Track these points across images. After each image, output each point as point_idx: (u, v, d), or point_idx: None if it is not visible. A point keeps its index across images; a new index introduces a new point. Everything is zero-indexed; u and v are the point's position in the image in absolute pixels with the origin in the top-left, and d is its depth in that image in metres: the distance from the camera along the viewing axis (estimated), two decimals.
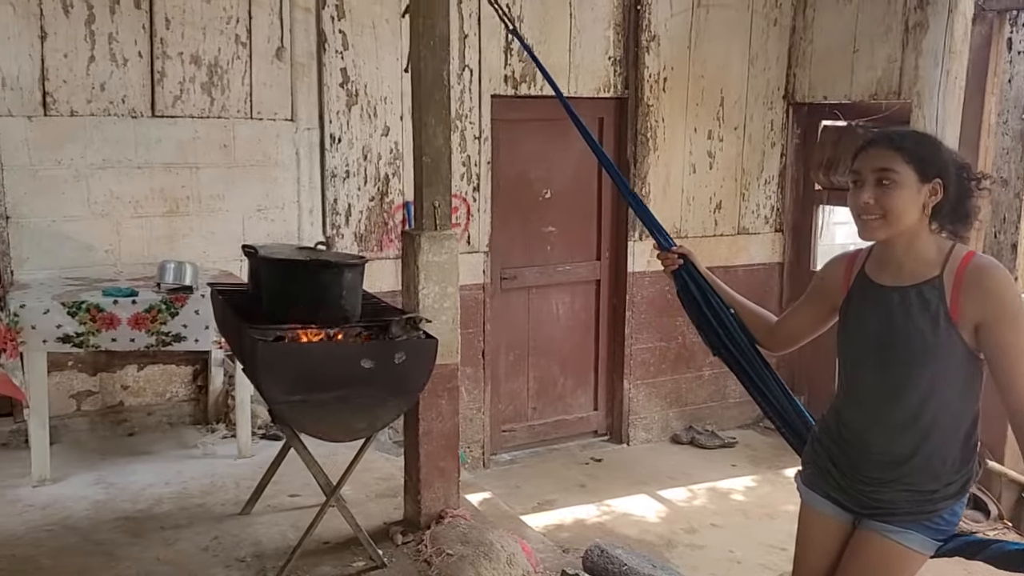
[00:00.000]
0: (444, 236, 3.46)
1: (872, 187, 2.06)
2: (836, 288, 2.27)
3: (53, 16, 4.28)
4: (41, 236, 4.36)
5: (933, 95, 5.21)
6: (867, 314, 2.15)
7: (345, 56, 4.92)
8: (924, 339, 2.04)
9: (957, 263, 2.05)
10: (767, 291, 6.38)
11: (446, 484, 3.63)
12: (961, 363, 2.05)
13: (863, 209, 2.08)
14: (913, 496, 2.11)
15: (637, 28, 5.71)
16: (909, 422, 2.08)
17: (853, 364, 2.20)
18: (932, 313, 2.04)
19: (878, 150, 2.08)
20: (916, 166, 2.05)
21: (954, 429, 2.09)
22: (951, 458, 2.09)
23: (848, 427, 2.20)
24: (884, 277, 2.14)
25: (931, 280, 2.06)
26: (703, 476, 5.71)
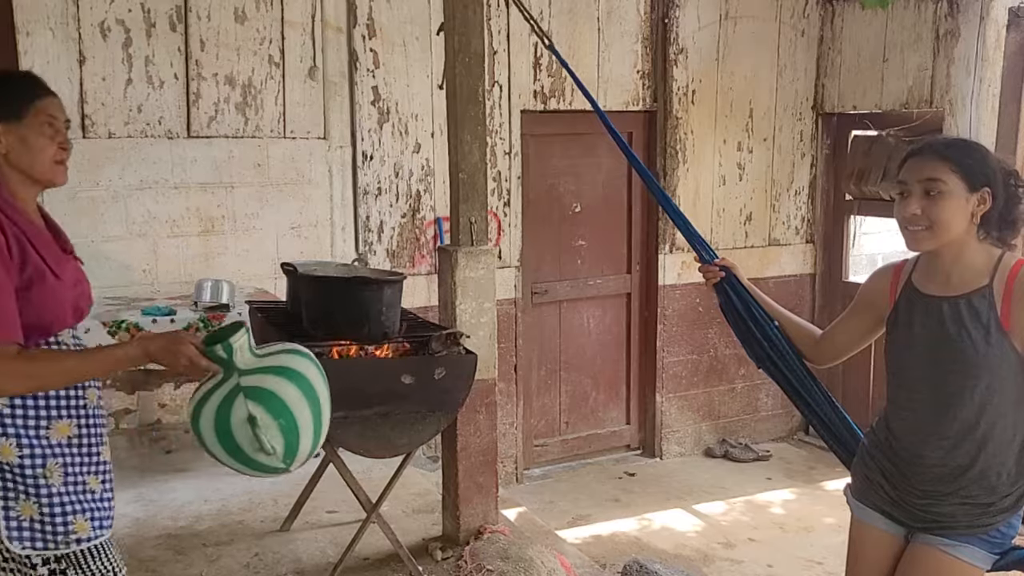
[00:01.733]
0: (480, 251, 3.47)
1: (919, 197, 2.04)
2: (882, 300, 2.25)
3: (91, 40, 4.35)
4: (80, 256, 4.39)
5: (966, 103, 5.18)
6: (916, 325, 2.13)
7: (376, 74, 4.97)
8: (976, 349, 2.01)
9: (1007, 272, 2.03)
10: (799, 303, 6.33)
11: (484, 499, 3.62)
12: (1015, 372, 2.02)
13: (910, 220, 2.05)
14: (969, 509, 2.08)
15: (665, 41, 5.72)
16: (964, 434, 2.06)
17: (903, 376, 2.17)
18: (983, 323, 2.01)
19: (924, 160, 2.06)
20: (964, 175, 2.03)
21: (1010, 440, 2.06)
22: (1007, 470, 2.06)
23: (900, 440, 2.17)
24: (932, 287, 2.12)
25: (981, 289, 2.04)
26: (738, 490, 5.67)
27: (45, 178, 2.00)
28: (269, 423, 1.95)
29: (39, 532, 1.94)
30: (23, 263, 1.90)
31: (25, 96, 1.99)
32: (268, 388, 1.98)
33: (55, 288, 1.95)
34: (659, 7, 5.69)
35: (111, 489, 2.08)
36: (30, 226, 1.96)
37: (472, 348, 3.32)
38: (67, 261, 2.05)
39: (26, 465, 1.94)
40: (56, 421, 1.97)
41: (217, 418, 1.96)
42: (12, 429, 1.93)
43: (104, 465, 2.05)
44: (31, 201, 2.03)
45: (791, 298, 6.25)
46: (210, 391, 1.99)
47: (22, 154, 1.97)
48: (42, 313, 1.93)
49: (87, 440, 2.02)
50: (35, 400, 1.96)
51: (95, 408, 2.05)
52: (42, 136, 1.97)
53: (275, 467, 2.03)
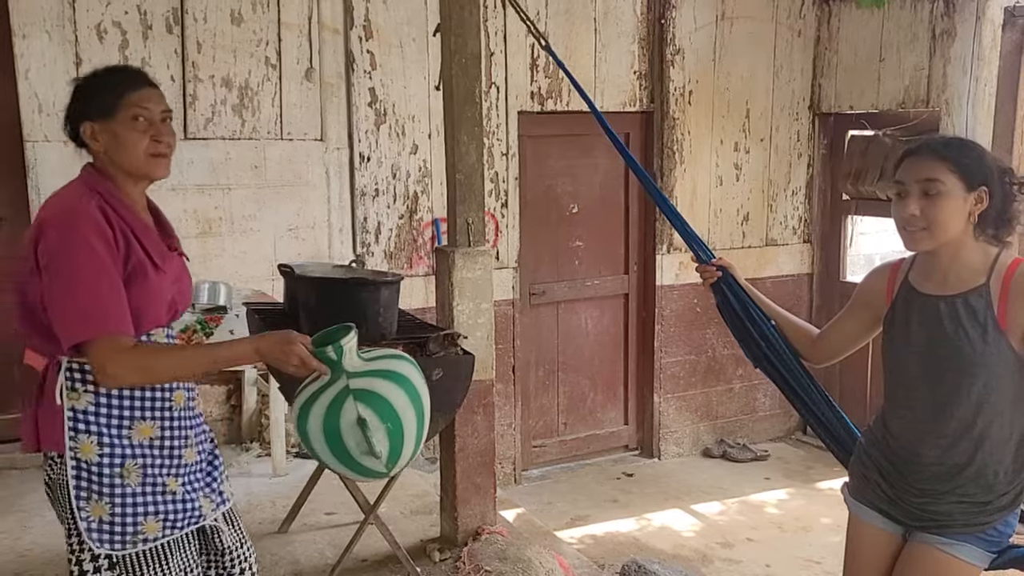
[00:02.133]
0: (478, 252, 3.47)
1: (917, 198, 2.04)
2: (879, 299, 2.25)
3: (87, 42, 4.35)
4: None
5: (962, 103, 5.19)
6: (913, 324, 2.13)
7: (373, 76, 4.97)
8: (973, 348, 2.02)
9: (1004, 270, 2.03)
10: (796, 302, 6.34)
11: (482, 500, 3.62)
12: (1012, 371, 2.03)
13: (908, 221, 2.05)
14: (967, 508, 2.08)
15: (662, 42, 5.72)
16: (961, 432, 2.06)
17: (901, 375, 2.18)
18: (980, 321, 2.02)
19: (922, 160, 2.06)
20: (962, 175, 2.03)
21: (1006, 438, 2.06)
22: (1004, 468, 2.07)
23: (897, 438, 2.18)
24: (929, 286, 2.12)
25: (978, 288, 2.04)
26: (736, 490, 5.67)
27: (141, 172, 2.00)
28: (378, 426, 1.95)
29: (107, 532, 1.95)
30: (127, 257, 1.92)
31: (114, 92, 1.98)
32: (377, 392, 1.97)
33: (156, 283, 1.96)
34: (656, 8, 5.70)
35: (200, 488, 2.07)
36: (136, 220, 1.98)
37: (470, 349, 3.33)
38: (171, 258, 2.06)
39: (104, 464, 1.94)
40: (139, 422, 1.98)
41: (326, 420, 1.95)
42: (95, 428, 1.94)
43: (188, 467, 2.04)
44: (138, 196, 2.04)
45: (789, 298, 6.25)
46: (317, 392, 1.98)
47: (117, 150, 1.98)
48: (140, 308, 1.93)
49: (169, 442, 2.01)
50: (120, 400, 1.96)
51: (182, 410, 2.05)
52: (133, 131, 1.96)
53: (378, 471, 2.01)
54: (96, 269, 1.86)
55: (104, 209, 1.92)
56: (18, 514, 3.92)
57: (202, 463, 2.11)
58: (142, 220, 2.01)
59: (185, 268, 2.15)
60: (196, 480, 2.07)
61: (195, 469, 2.08)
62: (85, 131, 2.00)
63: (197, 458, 2.09)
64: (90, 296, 1.86)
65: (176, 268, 2.08)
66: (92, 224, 1.88)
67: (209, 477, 2.13)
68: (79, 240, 1.86)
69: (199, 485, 2.08)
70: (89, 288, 1.86)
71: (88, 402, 1.94)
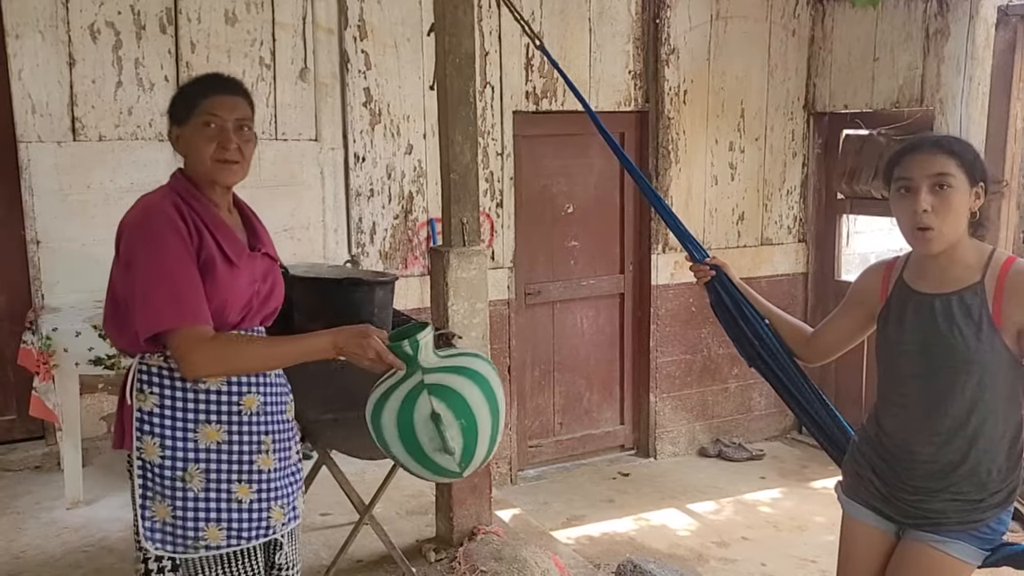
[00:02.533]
0: (472, 252, 3.47)
1: (927, 193, 2.02)
2: (873, 297, 2.25)
3: (81, 43, 4.34)
4: (72, 260, 4.40)
5: (956, 102, 5.20)
6: (908, 322, 2.13)
7: (368, 76, 4.96)
8: (967, 345, 2.02)
9: (998, 268, 2.04)
10: (792, 301, 6.34)
11: (478, 501, 3.62)
12: (1006, 368, 2.04)
13: (920, 219, 2.02)
14: (960, 506, 2.08)
15: (656, 42, 5.73)
16: (955, 429, 2.07)
17: (894, 373, 2.18)
18: (975, 319, 2.02)
19: (930, 155, 2.04)
20: (967, 170, 2.04)
21: (1000, 436, 2.07)
22: (997, 466, 2.08)
23: (891, 436, 2.18)
24: (924, 284, 2.13)
25: (972, 286, 2.05)
26: (732, 489, 5.67)
27: (208, 177, 2.02)
28: (452, 422, 1.92)
29: (170, 534, 1.95)
30: (199, 250, 1.94)
31: (191, 98, 2.03)
32: (452, 387, 1.95)
33: (227, 279, 1.96)
34: (650, 7, 5.70)
35: (275, 498, 2.03)
36: (212, 217, 2.00)
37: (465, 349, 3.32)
38: (252, 258, 2.06)
39: (166, 466, 1.94)
40: (204, 426, 1.97)
41: (400, 414, 1.93)
42: (158, 429, 1.95)
43: (262, 475, 2.01)
44: (219, 198, 2.06)
45: (784, 297, 6.26)
46: (392, 387, 1.96)
47: (189, 155, 2.03)
48: (208, 303, 1.94)
49: (238, 447, 1.99)
50: (184, 403, 1.96)
51: (254, 415, 2.01)
52: (201, 136, 2.00)
53: (450, 470, 1.98)
54: (173, 261, 1.89)
55: (178, 205, 1.96)
56: (12, 516, 3.91)
57: (283, 471, 2.06)
58: (219, 218, 2.02)
59: (274, 271, 2.14)
60: (272, 490, 2.03)
61: (273, 477, 2.03)
62: (172, 136, 2.06)
63: (276, 466, 2.04)
64: (169, 287, 1.88)
65: (258, 268, 2.07)
66: (165, 219, 1.92)
67: (288, 488, 2.08)
68: (154, 235, 1.91)
69: (275, 495, 2.03)
70: (167, 280, 1.88)
71: (153, 403, 1.96)
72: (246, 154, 2.04)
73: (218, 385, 1.98)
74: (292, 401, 2.16)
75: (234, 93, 2.05)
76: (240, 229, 2.10)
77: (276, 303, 2.14)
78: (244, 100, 2.06)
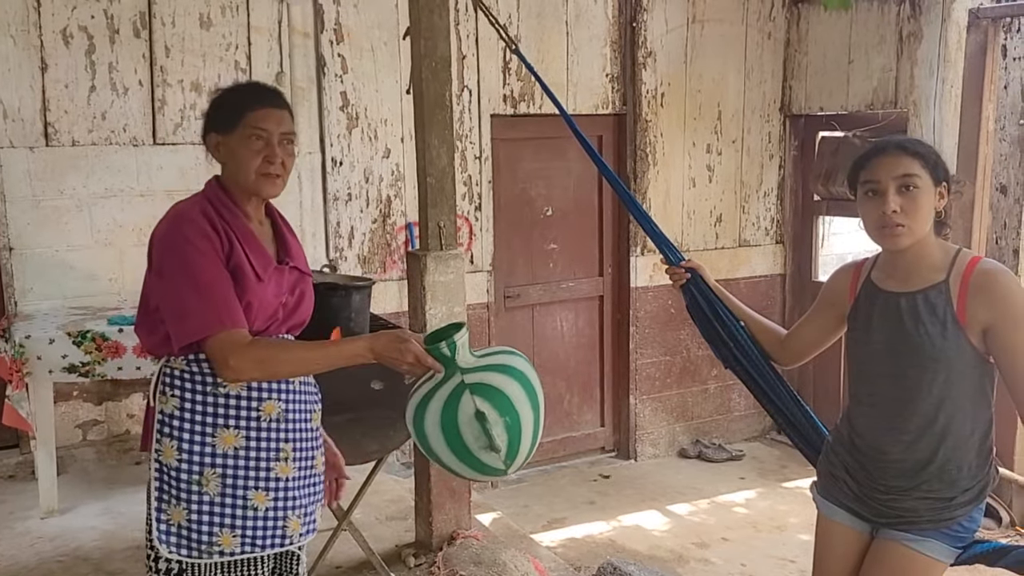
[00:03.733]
0: (450, 256, 3.46)
1: (895, 194, 2.05)
2: (843, 298, 2.28)
3: (53, 47, 4.30)
4: (45, 266, 4.36)
5: (929, 103, 5.26)
6: (875, 321, 2.16)
7: (345, 79, 4.95)
8: (933, 343, 2.05)
9: (963, 267, 2.07)
10: (769, 303, 6.38)
11: (457, 505, 3.61)
12: (972, 366, 2.06)
13: (888, 218, 2.05)
14: (932, 504, 2.10)
15: (633, 45, 5.75)
16: (924, 428, 2.09)
17: (863, 372, 2.20)
18: (940, 317, 2.05)
19: (896, 157, 2.07)
20: (931, 171, 2.07)
21: (969, 434, 2.09)
22: (967, 463, 2.10)
23: (862, 436, 2.20)
24: (891, 283, 2.15)
25: (937, 285, 2.07)
26: (712, 490, 5.69)
27: (251, 189, 2.02)
28: (496, 419, 1.91)
29: (184, 539, 1.94)
30: (228, 257, 1.94)
31: (237, 108, 2.01)
32: (494, 385, 1.94)
33: (253, 288, 1.96)
34: (627, 11, 5.72)
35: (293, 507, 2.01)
36: (242, 228, 1.99)
37: None
38: (279, 271, 2.05)
39: (183, 470, 1.93)
40: (223, 430, 1.95)
41: (444, 415, 1.91)
42: (176, 432, 1.94)
43: (281, 482, 1.99)
44: (254, 208, 2.06)
45: (762, 298, 6.29)
46: (433, 390, 1.95)
47: (232, 165, 2.02)
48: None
49: (256, 453, 1.97)
50: (203, 407, 1.95)
51: (274, 421, 1.99)
52: (248, 148, 1.99)
53: (496, 468, 1.97)
54: (205, 268, 1.90)
55: (208, 213, 1.96)
56: None
57: (303, 480, 2.05)
58: (248, 228, 2.01)
59: (302, 283, 2.12)
60: (290, 499, 2.01)
61: (293, 486, 2.01)
62: (210, 142, 2.05)
63: (296, 474, 2.02)
64: (204, 294, 1.89)
65: (286, 282, 2.06)
66: (195, 227, 1.92)
67: (308, 498, 2.07)
68: (184, 242, 1.91)
69: (293, 504, 2.01)
70: (201, 287, 1.89)
71: (174, 406, 1.95)
72: (288, 168, 2.05)
73: (238, 390, 1.97)
74: (319, 409, 2.14)
75: (280, 106, 2.05)
76: (270, 241, 2.10)
77: (303, 316, 2.13)
78: (289, 114, 2.07)
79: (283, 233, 2.15)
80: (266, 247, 2.06)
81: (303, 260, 2.16)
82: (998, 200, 4.88)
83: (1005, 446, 4.69)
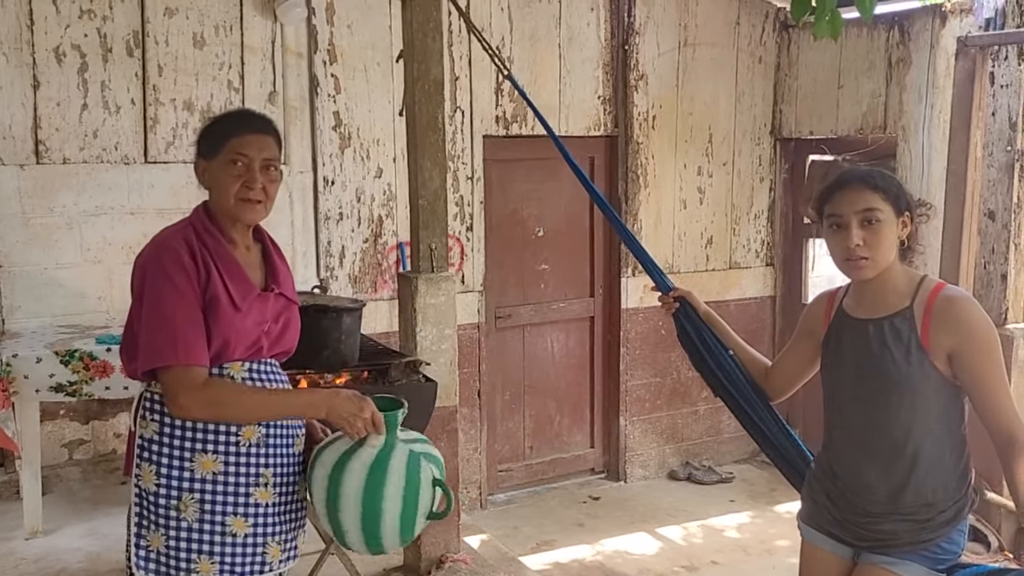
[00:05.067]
0: (441, 278, 3.47)
1: (857, 228, 2.10)
2: (818, 325, 2.33)
3: (46, 65, 4.30)
4: (33, 284, 4.33)
5: (918, 129, 5.30)
6: (845, 348, 2.21)
7: (338, 100, 4.96)
8: (899, 368, 2.09)
9: (927, 294, 2.12)
10: (760, 325, 6.39)
11: (446, 529, 3.59)
12: (937, 390, 2.10)
13: (852, 251, 2.11)
14: (910, 527, 2.12)
15: (625, 67, 5.78)
16: (895, 452, 2.12)
17: (836, 398, 2.25)
18: (904, 343, 2.09)
19: (857, 192, 2.12)
20: (892, 203, 2.12)
21: (940, 455, 2.12)
22: (942, 485, 2.12)
23: (839, 461, 2.24)
24: (860, 311, 2.20)
25: (902, 311, 2.12)
26: (701, 512, 5.68)
27: (232, 214, 2.02)
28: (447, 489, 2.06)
29: (163, 565, 1.93)
30: (205, 289, 1.94)
31: (222, 133, 2.03)
32: (438, 457, 2.11)
33: (230, 318, 1.95)
34: (619, 34, 5.76)
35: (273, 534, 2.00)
36: (225, 255, 1.99)
37: (433, 375, 3.31)
38: (260, 298, 2.03)
39: (161, 495, 1.93)
40: (201, 455, 1.95)
41: (408, 477, 1.97)
42: (155, 456, 1.94)
43: (260, 509, 1.98)
44: (239, 236, 2.06)
45: (752, 320, 6.30)
46: (356, 450, 1.98)
47: (214, 190, 2.03)
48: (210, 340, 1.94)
49: (235, 479, 1.96)
50: (182, 431, 1.95)
51: (254, 447, 1.98)
52: (228, 173, 2.00)
53: (403, 540, 2.06)
54: (175, 300, 1.91)
55: (190, 240, 1.97)
56: None
57: (283, 507, 2.04)
58: (231, 256, 2.01)
59: (288, 312, 2.12)
60: (270, 524, 2.00)
61: (273, 512, 2.00)
62: (197, 168, 2.07)
63: (276, 500, 2.01)
64: (164, 325, 1.90)
65: (270, 309, 2.05)
66: (173, 255, 1.94)
67: (288, 524, 2.06)
68: (160, 271, 1.93)
69: (273, 531, 2.00)
70: (167, 318, 1.91)
71: (153, 431, 1.96)
72: (270, 194, 2.06)
73: None
74: (303, 434, 2.13)
75: (264, 132, 2.07)
76: (257, 266, 2.10)
77: (288, 345, 2.13)
78: (273, 139, 2.08)
79: (272, 259, 2.14)
80: (251, 273, 2.05)
81: (291, 287, 2.16)
82: (986, 226, 4.91)
83: (994, 471, 4.69)
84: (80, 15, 4.33)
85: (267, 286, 2.08)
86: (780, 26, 6.24)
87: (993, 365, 2.05)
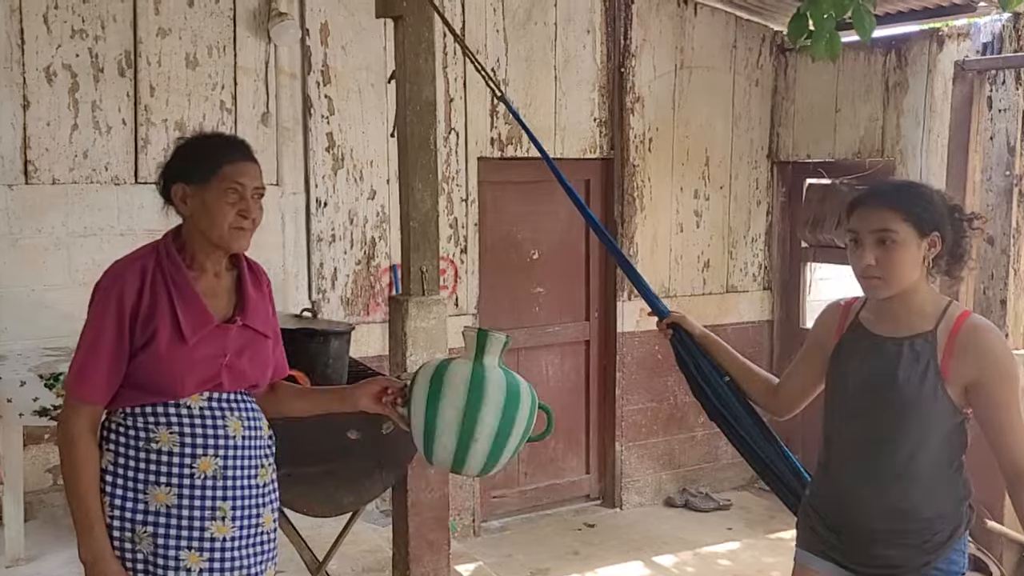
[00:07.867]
0: (432, 301, 3.41)
1: (872, 248, 2.05)
2: (829, 336, 2.26)
3: (36, 85, 4.26)
4: (20, 306, 4.27)
5: (916, 153, 5.28)
6: (859, 363, 2.14)
7: (331, 121, 4.92)
8: (912, 390, 2.03)
9: (952, 322, 2.06)
10: (757, 349, 6.33)
11: (436, 558, 3.51)
12: (946, 417, 2.05)
13: (865, 271, 2.06)
14: (907, 550, 2.08)
15: (621, 90, 5.76)
16: (898, 473, 2.07)
17: (841, 414, 2.18)
18: (922, 366, 2.04)
19: (874, 210, 2.07)
20: (914, 223, 2.05)
21: (940, 479, 2.08)
22: (938, 509, 2.07)
23: (837, 483, 2.18)
24: (880, 327, 2.14)
25: (924, 334, 2.06)
26: (698, 540, 5.59)
27: (222, 243, 1.98)
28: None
29: None
30: (147, 321, 1.90)
31: (214, 160, 1.98)
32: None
33: (171, 354, 1.90)
34: (616, 56, 5.75)
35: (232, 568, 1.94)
36: (185, 286, 1.94)
37: None
38: (219, 330, 1.97)
39: (115, 527, 1.91)
40: (154, 487, 1.91)
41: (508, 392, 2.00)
42: (109, 488, 1.92)
43: (214, 543, 1.92)
44: (211, 263, 2.01)
45: (749, 344, 6.24)
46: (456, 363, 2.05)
47: (202, 217, 1.97)
48: (153, 375, 1.90)
49: (188, 512, 1.91)
50: (137, 463, 1.91)
51: (210, 479, 1.92)
52: (223, 203, 1.95)
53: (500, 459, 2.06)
54: (97, 331, 1.90)
55: (146, 267, 1.93)
56: None
57: (244, 540, 1.98)
58: (190, 285, 1.95)
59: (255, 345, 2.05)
60: (228, 559, 1.94)
61: (232, 547, 1.95)
62: (176, 192, 2.00)
63: (236, 534, 1.96)
64: (79, 353, 1.93)
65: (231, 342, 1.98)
66: (117, 284, 1.92)
67: (252, 559, 1.99)
68: (98, 298, 1.94)
69: (232, 566, 1.95)
70: (83, 347, 1.93)
71: (108, 461, 1.93)
72: (257, 222, 2.03)
73: (170, 446, 1.92)
74: (270, 463, 2.07)
75: (254, 160, 2.05)
76: (227, 294, 2.04)
77: (255, 378, 2.06)
78: (259, 168, 2.06)
79: (245, 288, 2.07)
80: (213, 303, 1.99)
81: (261, 319, 2.08)
82: (985, 251, 4.86)
83: (995, 499, 4.62)
84: (72, 35, 4.30)
85: (232, 317, 2.01)
86: (777, 49, 6.24)
87: (1012, 398, 2.01)
